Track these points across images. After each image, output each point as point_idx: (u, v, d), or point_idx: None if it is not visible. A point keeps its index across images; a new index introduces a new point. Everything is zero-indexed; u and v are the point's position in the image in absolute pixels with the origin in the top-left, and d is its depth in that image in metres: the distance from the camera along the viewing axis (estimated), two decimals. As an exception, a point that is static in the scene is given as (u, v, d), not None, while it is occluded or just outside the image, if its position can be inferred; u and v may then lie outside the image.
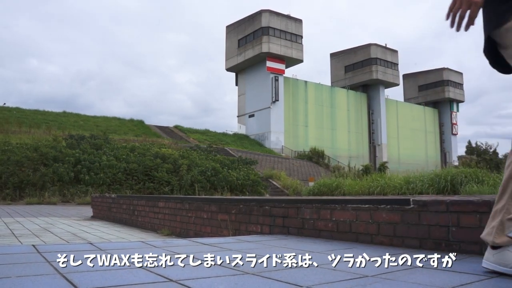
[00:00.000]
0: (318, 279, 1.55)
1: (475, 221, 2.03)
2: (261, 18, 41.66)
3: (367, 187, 13.46)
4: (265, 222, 3.39)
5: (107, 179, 17.53)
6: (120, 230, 5.66)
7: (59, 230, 5.33)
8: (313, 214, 2.93)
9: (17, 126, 26.16)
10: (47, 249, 2.24)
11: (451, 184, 11.09)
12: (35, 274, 1.55)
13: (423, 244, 2.25)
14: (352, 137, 48.40)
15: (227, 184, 19.92)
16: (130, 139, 27.99)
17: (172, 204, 5.23)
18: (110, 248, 2.37)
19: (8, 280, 1.45)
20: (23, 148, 18.34)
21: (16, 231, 5.04)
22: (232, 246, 2.52)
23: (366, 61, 50.03)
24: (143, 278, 1.53)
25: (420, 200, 2.31)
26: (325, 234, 2.82)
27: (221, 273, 1.65)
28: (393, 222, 2.41)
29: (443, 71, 57.16)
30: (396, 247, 2.34)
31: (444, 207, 2.16)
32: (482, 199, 2.04)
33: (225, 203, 4.01)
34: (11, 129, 25.04)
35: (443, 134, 58.27)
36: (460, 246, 2.08)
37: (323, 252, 2.24)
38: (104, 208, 8.09)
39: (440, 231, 2.17)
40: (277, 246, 2.50)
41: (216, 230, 4.07)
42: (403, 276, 1.59)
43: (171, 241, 2.84)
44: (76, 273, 1.59)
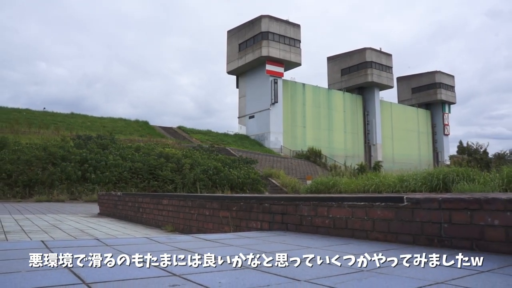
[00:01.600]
0: (316, 273, 1.55)
1: (466, 218, 2.03)
2: (261, 23, 41.67)
3: (362, 185, 13.45)
4: (265, 219, 3.39)
5: (113, 177, 17.53)
6: (126, 227, 5.66)
7: (67, 227, 5.33)
8: (311, 211, 2.93)
9: (27, 127, 26.16)
10: (56, 245, 2.24)
11: (443, 182, 11.08)
12: (44, 269, 1.55)
13: (416, 240, 2.25)
14: (348, 138, 48.42)
15: (228, 182, 19.93)
16: (135, 139, 27.98)
17: (175, 201, 5.23)
18: (116, 244, 2.37)
19: (18, 274, 1.45)
20: (32, 148, 18.34)
21: (25, 228, 5.04)
22: (233, 242, 2.52)
23: (361, 64, 50.05)
24: (147, 272, 1.53)
25: (414, 197, 2.31)
26: (322, 231, 2.82)
27: (222, 267, 1.66)
28: (387, 218, 2.41)
29: (435, 74, 57.20)
30: (390, 243, 2.34)
31: (436, 205, 2.16)
32: (473, 197, 2.04)
33: (226, 201, 4.01)
34: (21, 129, 25.05)
35: (435, 135, 58.31)
36: (452, 242, 2.08)
37: (321, 248, 2.24)
38: (110, 206, 8.09)
39: (432, 227, 2.17)
40: (276, 242, 2.50)
41: (218, 227, 4.07)
42: (397, 270, 1.59)
43: (175, 237, 2.84)
44: (84, 267, 1.59)
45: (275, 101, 41.26)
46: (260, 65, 42.01)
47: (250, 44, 42.64)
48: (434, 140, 58.26)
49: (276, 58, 41.16)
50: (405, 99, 59.37)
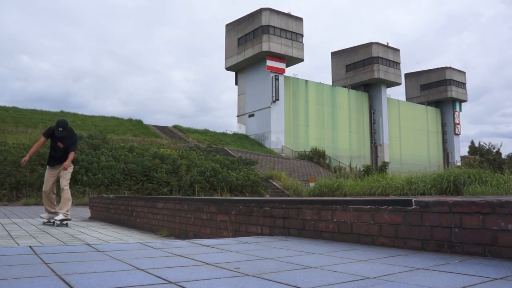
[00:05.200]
0: (319, 280, 1.55)
1: (478, 222, 2.03)
2: (261, 16, 41.66)
3: (368, 188, 13.46)
4: (265, 223, 3.39)
5: (105, 179, 17.53)
6: (119, 231, 5.66)
7: (57, 232, 5.32)
8: (314, 215, 2.93)
9: (14, 126, 26.15)
10: (44, 251, 2.24)
11: (454, 184, 11.09)
12: (32, 276, 1.55)
13: (425, 246, 2.25)
14: (353, 137, 48.41)
15: (226, 184, 19.92)
16: (129, 139, 27.97)
17: (171, 205, 5.23)
18: (108, 249, 2.37)
19: (5, 282, 1.45)
20: (20, 148, 18.33)
21: (12, 232, 5.04)
22: (231, 247, 2.52)
23: (367, 60, 50.04)
24: (141, 280, 1.53)
25: (422, 201, 2.31)
26: (326, 235, 2.82)
27: (220, 274, 1.65)
28: (395, 223, 2.41)
29: (445, 70, 57.19)
30: (398, 249, 2.34)
31: (446, 208, 2.16)
32: (485, 200, 2.04)
33: (225, 204, 4.01)
34: (7, 129, 25.02)
35: (446, 134, 58.30)
36: (463, 248, 2.08)
37: (324, 254, 2.24)
38: (102, 209, 8.09)
39: (442, 232, 2.17)
40: (277, 248, 2.50)
41: (216, 231, 4.07)
42: (405, 278, 1.59)
43: (170, 242, 2.84)
44: (74, 274, 1.59)
45: (276, 99, 41.25)
46: (261, 60, 42.00)
47: (249, 39, 42.63)
48: (444, 140, 58.25)
49: (277, 53, 41.16)
50: (414, 97, 59.37)
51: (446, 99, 57.13)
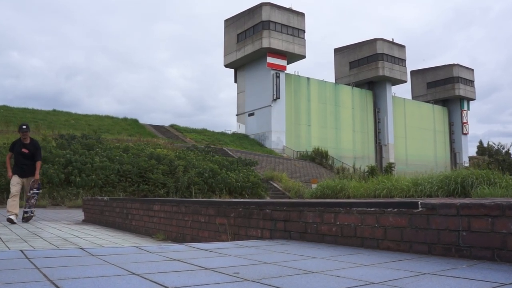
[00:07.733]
0: (321, 286, 1.55)
1: (487, 225, 2.03)
2: (262, 11, 41.66)
3: (373, 190, 13.45)
4: (266, 226, 3.39)
5: (100, 181, 17.53)
6: (113, 235, 5.66)
7: (49, 235, 5.32)
8: (316, 218, 2.93)
9: (5, 125, 26.15)
10: (36, 255, 2.24)
11: (462, 186, 11.09)
12: (23, 281, 1.55)
13: (432, 250, 2.24)
14: (357, 137, 48.40)
15: (225, 186, 19.92)
16: (124, 139, 27.98)
17: (167, 207, 5.23)
18: (103, 253, 2.36)
19: (-5, 287, 1.45)
20: (11, 149, 18.29)
21: (3, 236, 5.04)
22: (231, 251, 2.52)
23: (372, 56, 50.03)
24: (136, 285, 1.53)
25: (429, 203, 2.30)
26: (328, 239, 2.82)
27: (219, 279, 1.65)
28: (400, 226, 2.40)
29: (453, 67, 57.18)
30: (403, 253, 2.34)
31: (454, 211, 2.16)
32: (494, 202, 2.04)
33: (224, 206, 4.01)
34: (-2, 128, 25.04)
35: (453, 134, 58.29)
36: (471, 252, 2.08)
37: (327, 258, 2.24)
38: (96, 212, 8.09)
39: (450, 235, 2.17)
40: (278, 252, 2.50)
41: (214, 235, 4.07)
42: (411, 283, 1.59)
43: (167, 246, 2.84)
44: (67, 280, 1.59)
45: (277, 97, 41.25)
46: (261, 57, 42.00)
47: (249, 35, 42.63)
48: (452, 139, 58.25)
49: (278, 50, 41.15)
50: (420, 95, 59.35)
51: (454, 97, 57.13)
